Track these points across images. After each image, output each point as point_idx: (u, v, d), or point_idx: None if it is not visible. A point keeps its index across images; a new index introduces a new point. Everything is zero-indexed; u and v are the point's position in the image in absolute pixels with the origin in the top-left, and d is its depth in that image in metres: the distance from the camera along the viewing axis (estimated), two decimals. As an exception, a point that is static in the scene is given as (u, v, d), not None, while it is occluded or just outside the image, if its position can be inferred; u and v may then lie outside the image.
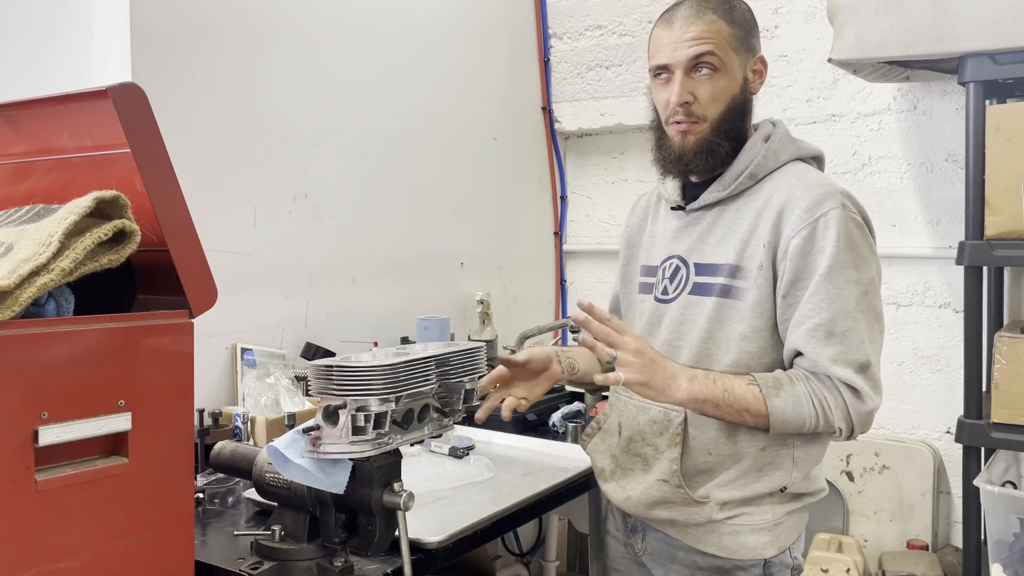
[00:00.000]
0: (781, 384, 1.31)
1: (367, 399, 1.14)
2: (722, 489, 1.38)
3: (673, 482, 1.38)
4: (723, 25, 1.37)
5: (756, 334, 1.35)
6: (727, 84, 1.38)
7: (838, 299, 1.29)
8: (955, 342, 2.45)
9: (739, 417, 1.32)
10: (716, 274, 1.39)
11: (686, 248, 1.45)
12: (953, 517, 2.52)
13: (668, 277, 1.47)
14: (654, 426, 1.42)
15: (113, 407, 1.00)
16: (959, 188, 2.33)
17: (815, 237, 1.31)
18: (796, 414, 1.30)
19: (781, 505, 1.39)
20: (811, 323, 1.30)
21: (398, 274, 2.53)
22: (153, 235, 1.08)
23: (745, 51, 1.40)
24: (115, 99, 1.04)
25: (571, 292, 3.30)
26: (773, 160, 1.41)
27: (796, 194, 1.35)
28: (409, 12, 2.55)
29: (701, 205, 1.44)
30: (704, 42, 1.36)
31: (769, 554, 1.38)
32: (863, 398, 1.30)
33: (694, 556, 1.42)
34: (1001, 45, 1.96)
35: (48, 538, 0.95)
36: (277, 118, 2.15)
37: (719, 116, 1.39)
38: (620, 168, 3.19)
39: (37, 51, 1.97)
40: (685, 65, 1.37)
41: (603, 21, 3.09)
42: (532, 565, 2.76)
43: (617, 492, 1.49)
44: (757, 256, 1.35)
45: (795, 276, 1.32)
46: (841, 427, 1.31)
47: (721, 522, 1.38)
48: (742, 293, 1.36)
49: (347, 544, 1.26)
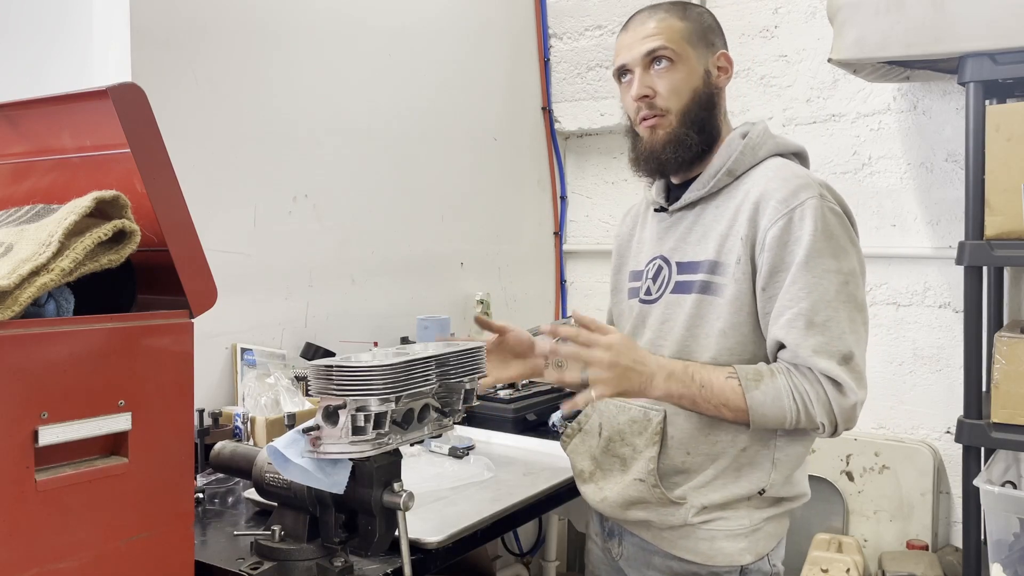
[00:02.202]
0: (761, 377, 1.29)
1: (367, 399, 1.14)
2: (699, 492, 1.36)
3: (649, 481, 1.37)
4: (675, 21, 1.41)
5: (735, 329, 1.34)
6: (686, 76, 1.40)
7: (817, 288, 1.28)
8: (955, 342, 2.45)
9: (717, 412, 1.31)
10: (696, 271, 1.39)
11: (669, 248, 1.46)
12: (953, 517, 2.52)
13: (651, 278, 1.47)
14: (633, 425, 1.41)
15: (113, 407, 1.00)
16: (959, 188, 2.33)
17: (791, 227, 1.30)
18: (776, 408, 1.28)
19: (759, 510, 1.38)
20: (790, 313, 1.28)
21: (398, 274, 2.53)
22: (153, 235, 1.08)
23: (703, 46, 1.42)
24: (115, 99, 1.04)
25: (571, 292, 3.30)
26: (751, 156, 1.41)
27: (772, 186, 1.34)
28: (409, 12, 2.55)
29: (682, 205, 1.45)
30: (656, 37, 1.40)
31: (746, 561, 1.36)
32: (845, 392, 1.27)
33: (670, 562, 1.41)
34: (1001, 45, 1.96)
35: (48, 538, 0.95)
36: (277, 118, 2.15)
37: (683, 107, 1.40)
38: (620, 168, 3.19)
39: (37, 51, 1.97)
40: (641, 61, 1.41)
41: (603, 21, 3.09)
42: (532, 565, 2.76)
43: (594, 493, 1.48)
44: (735, 250, 1.35)
45: (773, 267, 1.31)
46: (824, 423, 1.28)
47: (697, 526, 1.37)
48: (720, 289, 1.36)
49: (347, 544, 1.26)
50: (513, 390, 2.30)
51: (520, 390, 2.31)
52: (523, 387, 2.33)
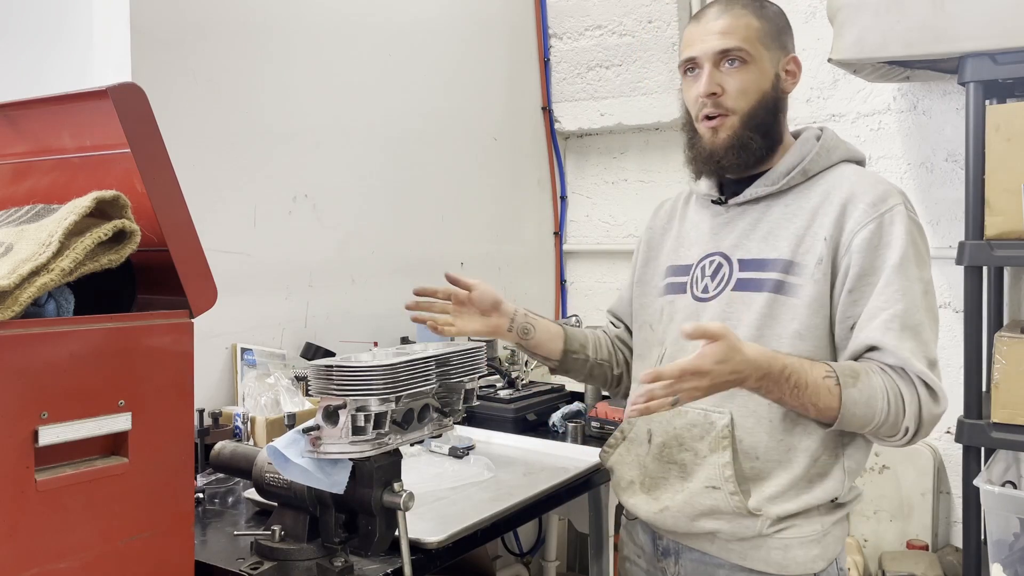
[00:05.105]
0: (858, 375, 1.24)
1: (367, 399, 1.14)
2: (774, 503, 1.30)
3: (726, 489, 1.30)
4: (752, 19, 1.36)
5: (811, 332, 1.31)
6: (757, 78, 1.36)
7: (909, 293, 1.26)
8: (955, 342, 2.45)
9: (803, 409, 1.26)
10: (766, 269, 1.35)
11: (729, 244, 1.41)
12: (953, 517, 2.52)
13: (709, 275, 1.42)
14: (693, 430, 1.36)
15: (113, 407, 1.00)
16: (959, 188, 2.33)
17: (882, 231, 1.29)
18: (867, 408, 1.23)
19: (829, 515, 1.34)
20: (886, 315, 1.25)
21: (398, 274, 2.53)
22: (153, 235, 1.08)
23: (776, 48, 1.39)
24: (115, 99, 1.04)
25: (571, 292, 3.30)
26: (826, 158, 1.40)
27: (859, 189, 1.33)
28: (409, 12, 2.55)
29: (745, 200, 1.41)
30: (732, 35, 1.34)
31: (819, 567, 1.32)
32: (939, 399, 1.25)
33: (737, 574, 1.34)
34: (1001, 45, 1.96)
35: (48, 538, 0.95)
36: (277, 118, 2.15)
37: (749, 109, 1.36)
38: (620, 168, 3.19)
39: (37, 51, 1.97)
40: (713, 57, 1.35)
41: (603, 21, 3.09)
42: (532, 565, 2.76)
43: (649, 505, 1.40)
44: (815, 251, 1.32)
45: (862, 270, 1.29)
46: (909, 426, 1.24)
47: (770, 536, 1.31)
48: (797, 290, 1.32)
49: (347, 544, 1.26)
50: (513, 390, 2.30)
51: (520, 390, 2.31)
52: (523, 387, 2.33)
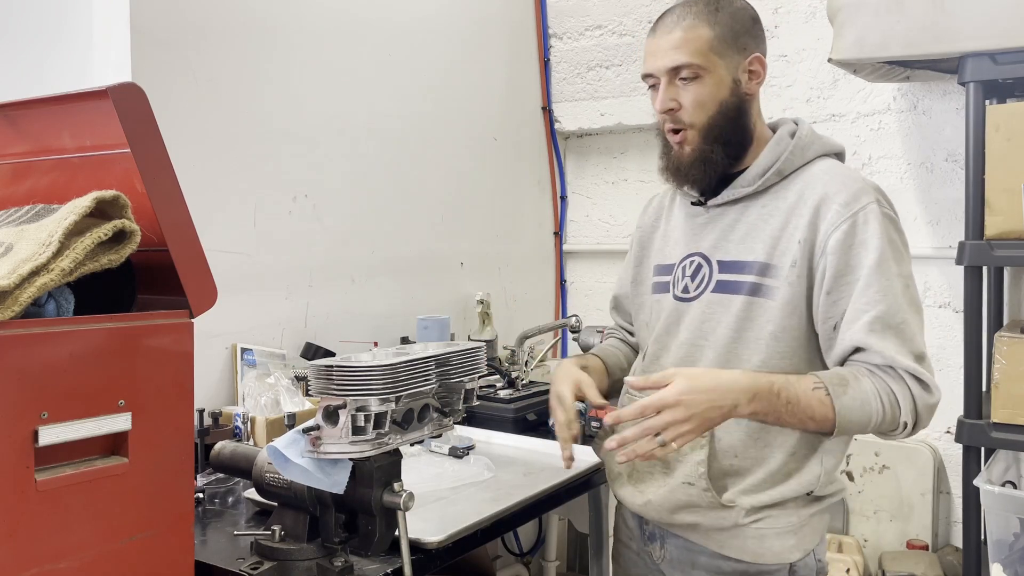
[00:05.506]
0: (847, 382, 1.26)
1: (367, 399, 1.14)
2: (749, 495, 1.34)
3: (700, 485, 1.35)
4: (704, 30, 1.35)
5: (786, 333, 1.33)
6: (712, 90, 1.36)
7: (890, 292, 1.28)
8: (955, 342, 2.45)
9: (802, 425, 1.29)
10: (744, 272, 1.37)
11: (708, 245, 1.43)
12: (953, 517, 2.52)
13: (689, 275, 1.44)
14: None
15: (113, 407, 1.00)
16: (959, 188, 2.33)
17: (856, 231, 1.29)
18: (863, 413, 1.26)
19: (806, 507, 1.37)
20: (868, 316, 1.27)
21: (398, 274, 2.53)
22: (153, 235, 1.08)
23: (734, 52, 1.37)
24: (115, 99, 1.04)
25: (571, 292, 3.30)
26: (800, 157, 1.40)
27: (832, 189, 1.33)
28: (409, 12, 2.55)
29: (723, 201, 1.42)
30: (682, 50, 1.34)
31: (795, 557, 1.35)
32: (931, 389, 1.27)
33: (717, 561, 1.39)
34: (1001, 45, 1.96)
35: (48, 538, 0.95)
36: (277, 117, 2.15)
37: (707, 121, 1.37)
38: (620, 168, 3.19)
39: (37, 51, 1.97)
40: (667, 74, 1.37)
41: (603, 21, 3.09)
42: (532, 565, 2.76)
43: (634, 496, 1.45)
44: (790, 253, 1.33)
45: (838, 270, 1.30)
46: (907, 420, 1.27)
47: (746, 526, 1.35)
48: (772, 292, 1.34)
49: (347, 544, 1.27)
50: (513, 390, 2.30)
51: (520, 390, 2.31)
52: (523, 387, 2.33)
